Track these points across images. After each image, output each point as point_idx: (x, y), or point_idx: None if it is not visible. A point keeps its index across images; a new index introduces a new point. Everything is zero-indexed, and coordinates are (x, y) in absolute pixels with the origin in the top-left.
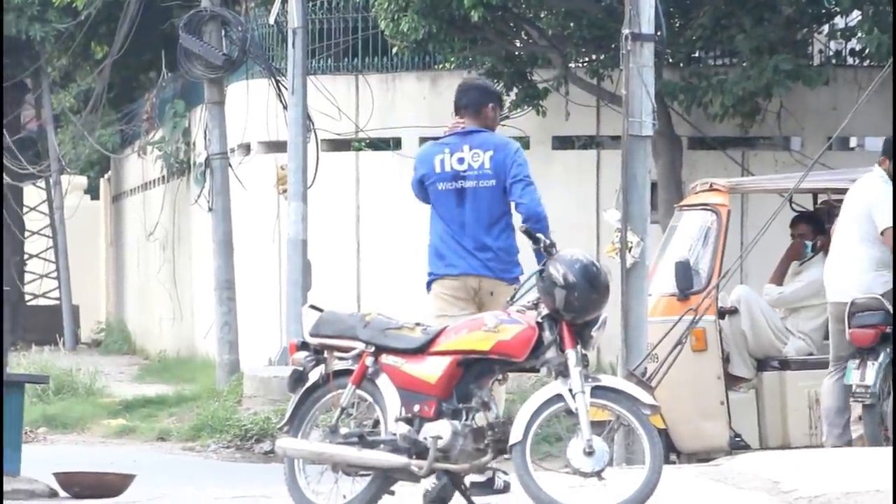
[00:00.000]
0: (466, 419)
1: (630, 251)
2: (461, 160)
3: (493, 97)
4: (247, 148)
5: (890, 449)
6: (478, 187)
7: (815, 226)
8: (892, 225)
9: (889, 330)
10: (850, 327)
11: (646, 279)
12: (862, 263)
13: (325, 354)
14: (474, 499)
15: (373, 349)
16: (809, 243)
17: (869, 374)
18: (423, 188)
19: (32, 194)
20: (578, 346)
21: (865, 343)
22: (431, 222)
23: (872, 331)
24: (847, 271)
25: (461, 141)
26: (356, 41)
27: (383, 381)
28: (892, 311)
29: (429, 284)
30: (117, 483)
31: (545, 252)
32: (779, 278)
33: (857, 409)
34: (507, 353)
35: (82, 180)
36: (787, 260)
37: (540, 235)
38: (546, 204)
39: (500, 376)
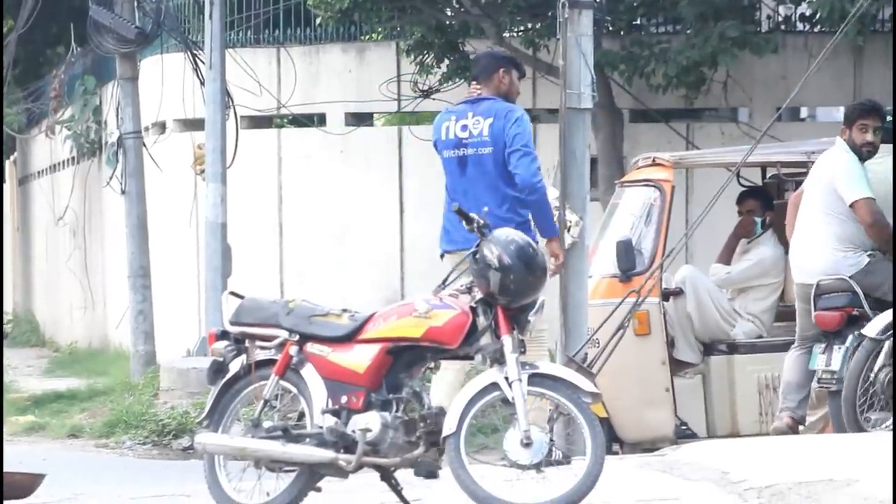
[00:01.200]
0: (397, 410)
1: (569, 231)
2: (464, 127)
3: (503, 62)
4: (162, 126)
5: (841, 436)
6: (477, 154)
7: (763, 201)
8: (862, 196)
9: (856, 312)
10: (815, 309)
11: (586, 260)
12: (828, 242)
13: (247, 344)
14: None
15: (297, 338)
16: (759, 220)
17: (835, 358)
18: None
19: None
20: (515, 332)
21: (831, 326)
22: (445, 194)
23: (838, 314)
24: (813, 251)
25: (468, 108)
26: (277, 12)
27: (308, 372)
28: (860, 292)
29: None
30: (26, 483)
31: (479, 232)
32: (726, 257)
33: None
34: (440, 340)
35: None
36: (734, 238)
37: (473, 215)
38: None
39: (432, 364)
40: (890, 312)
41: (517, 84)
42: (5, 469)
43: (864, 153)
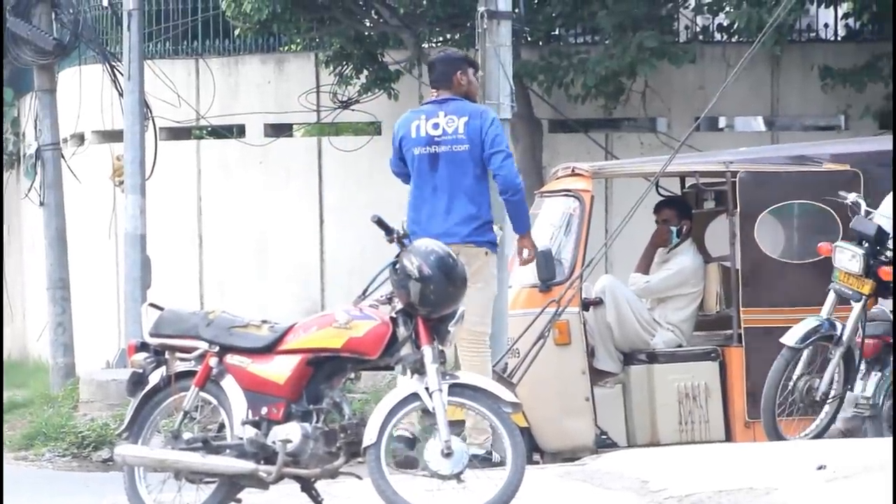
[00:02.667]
0: (317, 421)
1: None
2: (436, 125)
3: (458, 63)
4: (80, 138)
5: (760, 445)
6: (451, 151)
7: (680, 211)
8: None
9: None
10: None
11: (506, 270)
12: None
13: (167, 355)
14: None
15: (217, 349)
16: (674, 229)
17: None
18: (400, 157)
19: None
20: (435, 342)
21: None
22: (410, 192)
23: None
24: None
25: (437, 108)
26: (195, 23)
27: (228, 383)
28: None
29: None
30: None
31: (398, 243)
32: (645, 267)
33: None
34: (360, 351)
35: None
36: (652, 247)
37: (393, 226)
38: (399, 191)
39: (353, 375)
40: (809, 320)
41: (476, 82)
42: None
43: None
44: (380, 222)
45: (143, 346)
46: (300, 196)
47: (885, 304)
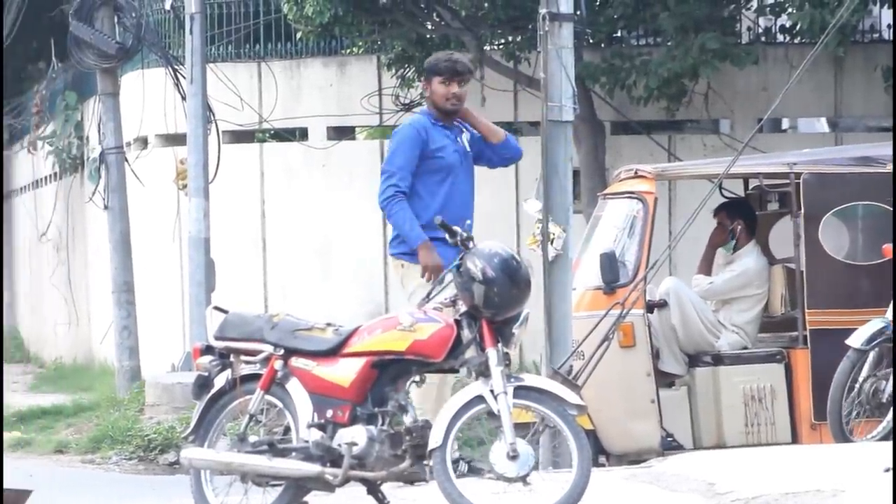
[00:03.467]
0: (383, 424)
1: (552, 243)
2: None
3: (426, 73)
4: (144, 141)
5: (828, 447)
6: None
7: (735, 212)
8: None
9: None
10: None
11: (569, 272)
12: None
13: (232, 358)
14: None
15: (282, 352)
16: (732, 231)
17: None
18: None
19: None
20: (499, 345)
21: None
22: None
23: None
24: None
25: None
26: (258, 26)
27: (294, 386)
28: None
29: None
30: (12, 499)
31: (462, 245)
32: (706, 269)
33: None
34: (425, 354)
35: None
36: (710, 249)
37: (456, 228)
38: None
39: (418, 378)
40: (874, 322)
41: (440, 91)
42: None
43: None
44: (443, 225)
45: (208, 350)
46: (363, 198)
47: None
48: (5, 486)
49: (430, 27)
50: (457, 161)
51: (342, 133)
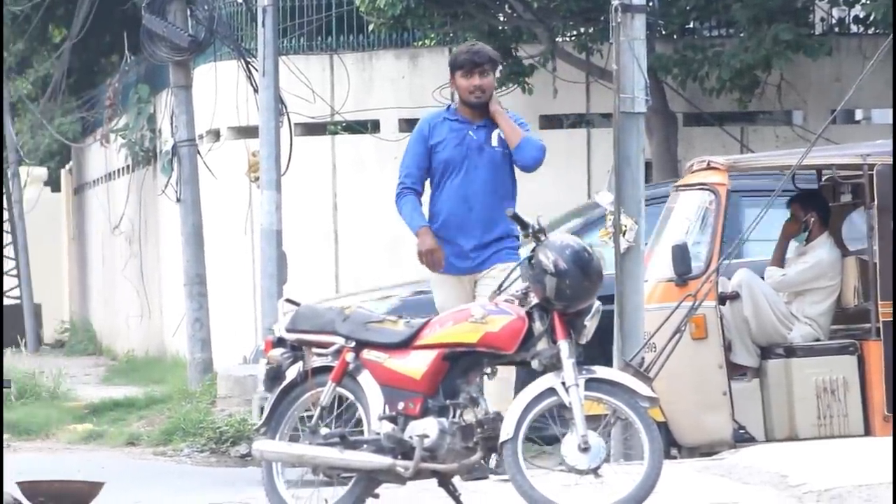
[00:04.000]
0: (454, 416)
1: (624, 235)
2: None
3: (450, 69)
4: (216, 134)
5: None
6: None
7: (808, 204)
8: None
9: None
10: None
11: (641, 264)
12: None
13: (303, 351)
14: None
15: (353, 344)
16: (804, 222)
17: None
18: None
19: None
20: (571, 337)
21: None
22: None
23: None
24: None
25: None
26: (330, 18)
27: (365, 378)
28: None
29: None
30: (85, 491)
31: (534, 237)
32: (778, 260)
33: None
34: (496, 346)
35: (42, 171)
36: (783, 240)
37: (528, 221)
38: (534, 186)
39: (489, 370)
40: None
41: (464, 84)
42: (66, 477)
43: None
44: (515, 217)
45: (280, 342)
46: None
47: None
48: (79, 478)
49: (501, 19)
50: (458, 156)
51: (414, 125)
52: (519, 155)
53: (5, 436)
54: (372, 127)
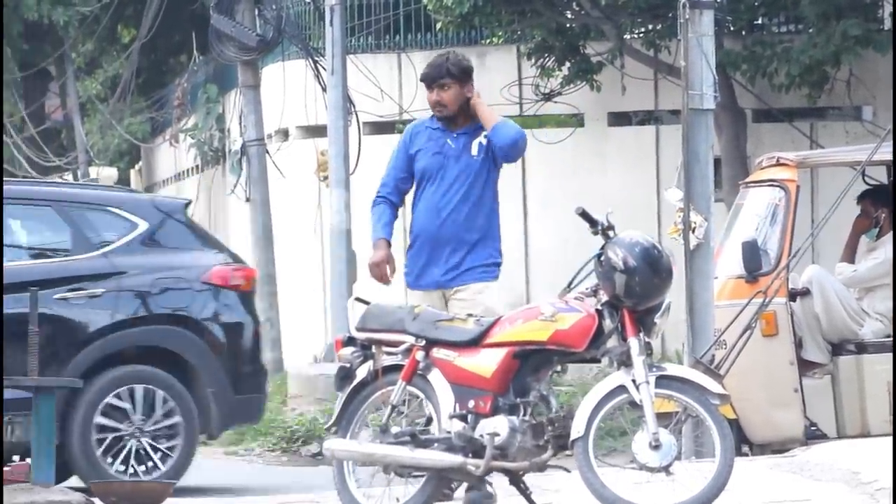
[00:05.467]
0: (524, 414)
1: (694, 232)
2: None
3: None
4: (285, 133)
5: None
6: None
7: (881, 199)
8: None
9: None
10: None
11: (711, 261)
12: None
13: (373, 350)
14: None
15: (423, 343)
16: (875, 218)
17: None
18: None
19: None
20: (641, 334)
21: None
22: (498, 205)
23: None
24: None
25: None
26: (397, 17)
27: (435, 377)
28: None
29: (498, 272)
30: (157, 491)
31: (603, 235)
32: (849, 256)
33: None
34: (566, 344)
35: (112, 171)
36: (854, 236)
37: (597, 218)
38: (603, 183)
39: (559, 368)
40: None
41: (428, 99)
42: (137, 477)
43: None
44: (584, 214)
45: (350, 341)
46: (504, 188)
47: None
48: (150, 477)
49: (569, 16)
50: (435, 165)
51: None
52: (495, 137)
53: None
54: None
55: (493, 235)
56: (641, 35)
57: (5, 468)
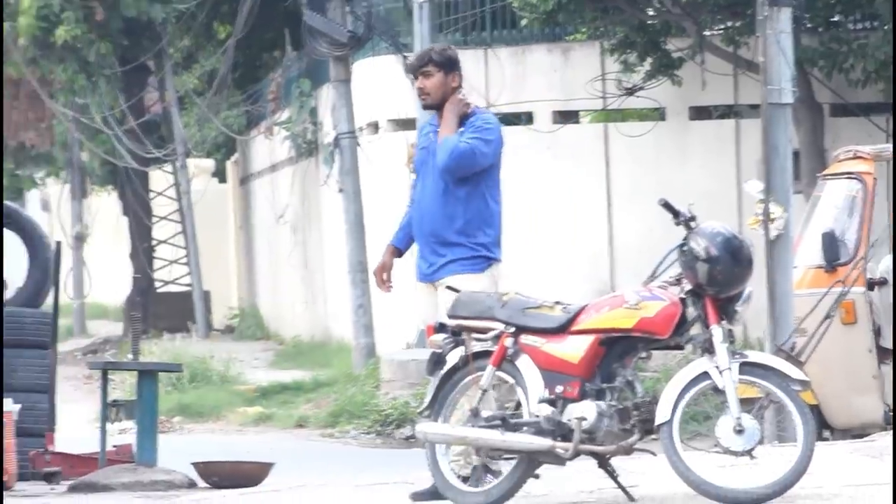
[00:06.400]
0: (611, 399)
1: (773, 223)
2: None
3: None
4: (375, 126)
5: None
6: None
7: None
8: None
9: None
10: None
11: (791, 251)
12: None
13: (464, 336)
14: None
15: (512, 329)
16: None
17: None
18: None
19: (159, 179)
20: (723, 322)
21: None
22: (495, 195)
23: None
24: None
25: None
26: (484, 14)
27: (524, 362)
28: None
29: (487, 266)
30: (256, 472)
31: (685, 225)
32: None
33: None
34: (651, 331)
35: (209, 163)
36: None
37: (679, 209)
38: (684, 175)
39: (644, 354)
40: None
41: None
42: (237, 458)
43: None
44: (667, 205)
45: (442, 327)
46: (588, 180)
47: None
48: (249, 459)
49: (651, 13)
50: (420, 160)
51: (567, 117)
52: (436, 155)
53: (178, 418)
54: (525, 119)
55: (481, 230)
56: (721, 31)
57: (110, 448)
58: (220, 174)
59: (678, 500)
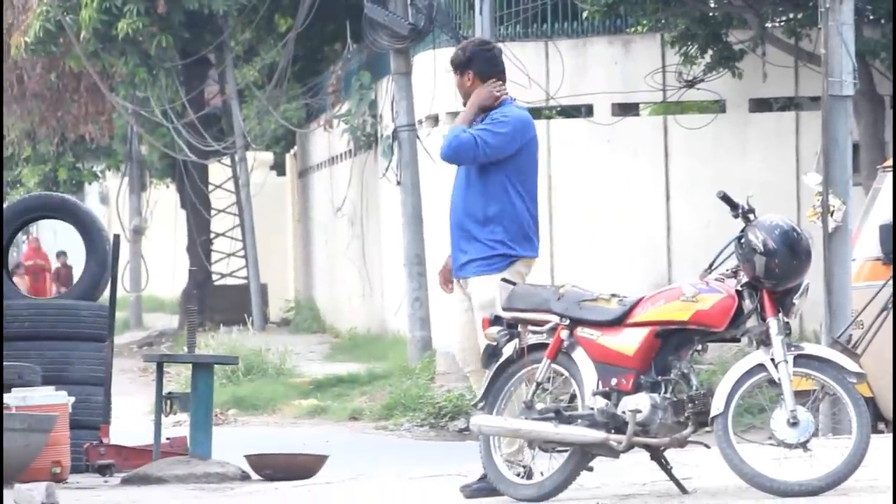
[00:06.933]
0: (666, 392)
1: (832, 215)
2: None
3: None
4: (435, 119)
5: None
6: None
7: None
8: None
9: None
10: None
11: (849, 244)
12: None
13: (519, 328)
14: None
15: (567, 322)
16: None
17: None
18: (517, 151)
19: (218, 172)
20: (780, 315)
21: None
22: (515, 192)
23: None
24: None
25: None
26: (545, 6)
27: (579, 355)
28: None
29: (507, 265)
30: (310, 464)
31: (744, 218)
32: None
33: None
34: (707, 324)
35: (268, 156)
36: None
37: (738, 202)
38: (743, 168)
39: (700, 347)
40: None
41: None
42: (292, 451)
43: None
44: (725, 198)
45: (497, 320)
46: (647, 173)
47: None
48: (304, 451)
49: (712, 5)
50: None
51: (626, 109)
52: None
53: (233, 411)
54: (586, 111)
55: (501, 224)
56: (782, 23)
57: (164, 440)
58: (279, 167)
59: (731, 493)
